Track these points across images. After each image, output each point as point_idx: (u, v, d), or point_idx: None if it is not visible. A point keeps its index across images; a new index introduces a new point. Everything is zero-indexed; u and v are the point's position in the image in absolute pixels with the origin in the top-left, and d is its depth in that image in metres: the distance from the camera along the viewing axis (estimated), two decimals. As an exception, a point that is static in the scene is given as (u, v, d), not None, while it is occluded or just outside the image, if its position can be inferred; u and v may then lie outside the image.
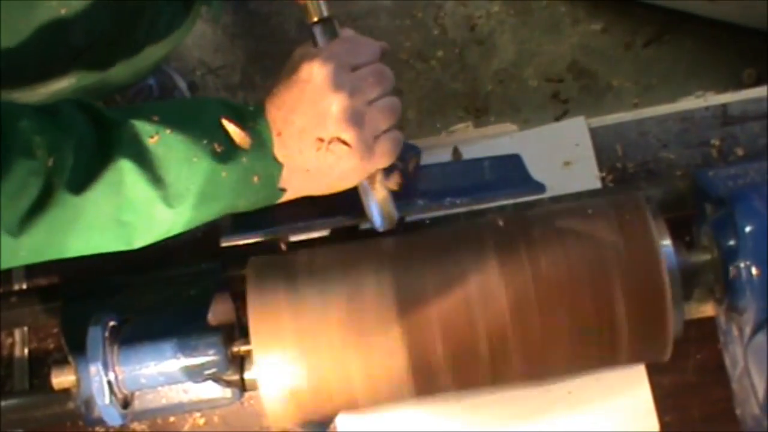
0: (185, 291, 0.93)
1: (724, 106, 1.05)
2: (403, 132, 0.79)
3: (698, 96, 1.07)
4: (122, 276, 0.96)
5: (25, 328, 1.04)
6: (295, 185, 0.79)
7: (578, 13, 1.85)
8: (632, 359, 0.88)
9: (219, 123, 0.75)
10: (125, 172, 0.71)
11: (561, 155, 1.04)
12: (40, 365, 1.03)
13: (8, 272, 1.05)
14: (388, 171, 0.82)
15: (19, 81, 0.88)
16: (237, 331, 0.89)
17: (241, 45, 1.86)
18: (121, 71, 0.97)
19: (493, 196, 0.88)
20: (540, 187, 0.88)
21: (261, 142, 0.76)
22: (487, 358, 0.84)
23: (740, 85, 1.71)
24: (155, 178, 0.72)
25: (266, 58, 1.85)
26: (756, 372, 0.84)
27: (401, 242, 0.88)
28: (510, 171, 0.89)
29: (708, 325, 0.95)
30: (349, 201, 0.83)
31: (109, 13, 0.89)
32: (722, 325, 0.92)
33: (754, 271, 0.84)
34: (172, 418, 1.00)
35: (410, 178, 0.86)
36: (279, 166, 0.76)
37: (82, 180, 0.70)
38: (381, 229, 0.84)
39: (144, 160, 0.72)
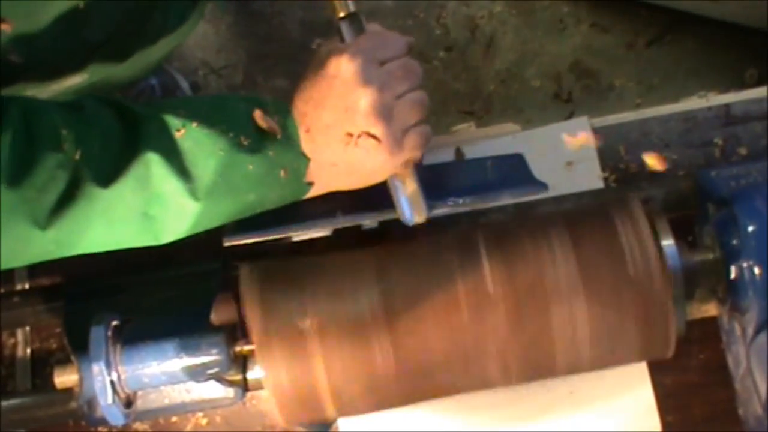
0: (188, 291, 0.93)
1: (726, 106, 1.05)
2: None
3: (701, 96, 1.07)
4: (125, 276, 0.96)
5: (28, 328, 1.04)
6: (323, 180, 0.79)
7: (580, 13, 1.85)
8: (635, 358, 0.88)
9: (245, 116, 0.75)
10: (152, 164, 0.71)
11: (564, 155, 1.04)
12: (43, 365, 1.03)
13: (10, 272, 1.05)
14: (416, 165, 0.82)
15: (35, 76, 0.89)
16: (239, 330, 0.89)
17: (243, 45, 1.87)
18: (128, 67, 0.97)
19: (496, 195, 0.88)
20: (543, 186, 0.88)
21: (287, 136, 0.76)
22: (487, 359, 0.84)
23: (743, 86, 1.70)
24: (182, 171, 0.72)
25: (268, 59, 1.85)
26: (759, 372, 0.84)
27: (400, 244, 0.88)
28: (513, 170, 0.89)
29: (711, 324, 0.95)
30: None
31: (124, 7, 0.89)
32: (725, 325, 0.92)
33: (756, 270, 0.84)
34: (174, 418, 1.00)
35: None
36: (306, 159, 0.76)
37: (109, 173, 0.70)
38: (411, 224, 0.84)
39: (171, 153, 0.72)
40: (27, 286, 1.04)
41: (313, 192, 0.79)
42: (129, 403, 0.85)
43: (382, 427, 0.95)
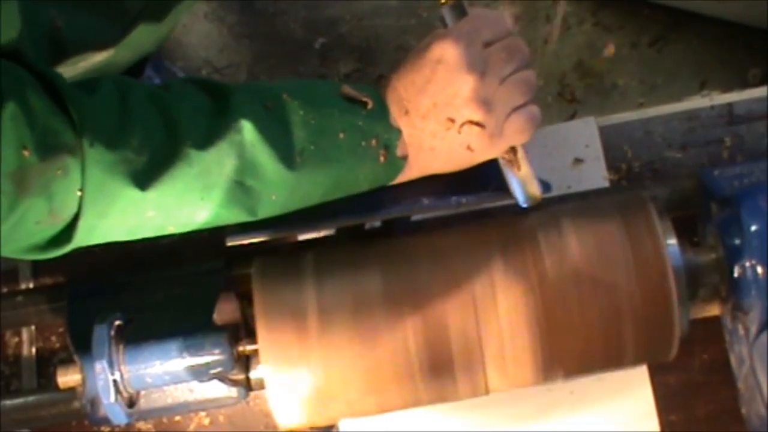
0: (191, 290, 0.93)
1: (729, 105, 1.05)
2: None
3: (704, 95, 1.07)
4: (128, 274, 0.96)
5: (32, 327, 1.04)
6: (421, 164, 0.79)
7: (584, 13, 1.84)
8: (638, 360, 0.88)
9: (333, 90, 0.76)
10: (245, 131, 0.72)
11: (569, 155, 1.04)
12: (47, 364, 1.03)
13: (14, 271, 1.05)
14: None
15: (77, 49, 0.89)
16: (243, 330, 0.89)
17: (246, 44, 1.86)
18: (141, 42, 0.97)
19: (500, 195, 0.88)
20: (545, 187, 0.88)
21: (377, 107, 0.76)
22: (493, 359, 0.84)
23: (746, 85, 1.70)
24: (274, 139, 0.73)
25: (272, 58, 1.85)
26: (761, 371, 0.84)
27: (408, 243, 0.87)
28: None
29: (713, 324, 0.94)
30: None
31: None
32: (728, 325, 0.92)
33: (759, 270, 0.84)
34: (177, 418, 1.00)
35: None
36: (397, 131, 0.77)
37: (204, 137, 0.71)
38: (525, 206, 0.84)
39: (263, 121, 0.73)
40: (31, 286, 1.04)
41: (410, 175, 0.80)
42: (132, 402, 0.85)
43: (382, 428, 0.95)
